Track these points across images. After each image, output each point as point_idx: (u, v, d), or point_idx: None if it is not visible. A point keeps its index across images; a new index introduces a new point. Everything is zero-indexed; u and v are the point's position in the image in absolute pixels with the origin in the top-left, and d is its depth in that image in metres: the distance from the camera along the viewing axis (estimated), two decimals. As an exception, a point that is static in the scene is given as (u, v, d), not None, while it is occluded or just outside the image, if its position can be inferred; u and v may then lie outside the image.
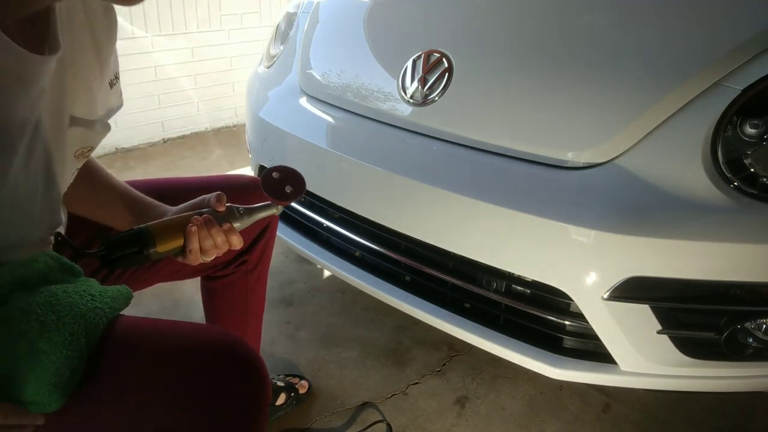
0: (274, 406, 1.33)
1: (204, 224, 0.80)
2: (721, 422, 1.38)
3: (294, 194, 0.86)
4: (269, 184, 0.85)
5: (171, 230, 0.79)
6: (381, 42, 1.50)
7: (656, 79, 1.08)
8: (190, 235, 0.79)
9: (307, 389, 1.41)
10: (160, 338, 0.71)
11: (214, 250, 0.82)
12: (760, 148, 1.00)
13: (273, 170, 0.86)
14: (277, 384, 1.36)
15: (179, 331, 0.72)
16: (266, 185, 0.85)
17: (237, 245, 0.84)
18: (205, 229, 0.80)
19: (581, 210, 1.03)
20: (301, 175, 0.88)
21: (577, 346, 1.14)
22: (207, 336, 0.71)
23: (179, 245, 0.80)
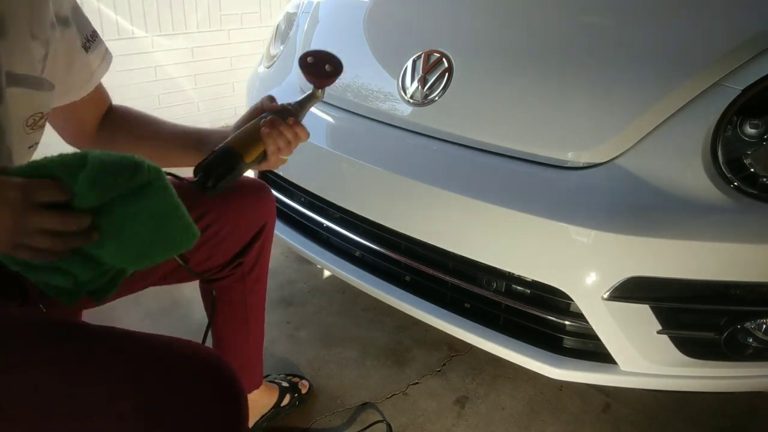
0: (280, 407, 1.33)
1: (273, 125, 0.83)
2: (721, 422, 1.38)
3: (334, 72, 0.89)
4: (309, 69, 0.88)
5: (249, 140, 0.84)
6: (381, 42, 1.50)
7: (656, 79, 1.08)
8: (266, 138, 0.83)
9: (308, 389, 1.41)
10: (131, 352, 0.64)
11: (288, 147, 0.86)
12: (760, 148, 1.00)
13: (307, 55, 0.89)
14: (282, 385, 1.36)
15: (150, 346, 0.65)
16: (306, 70, 0.88)
17: (304, 137, 0.87)
18: (276, 128, 0.83)
19: (581, 210, 1.03)
20: (335, 55, 0.90)
21: (577, 346, 1.14)
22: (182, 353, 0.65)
23: (261, 150, 0.84)
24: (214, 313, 1.17)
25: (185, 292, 1.77)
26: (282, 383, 1.37)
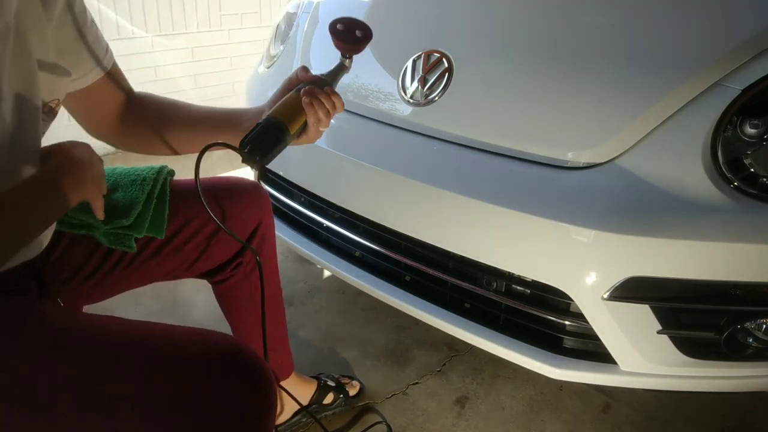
0: (322, 405, 1.33)
1: (312, 94, 0.84)
2: (721, 422, 1.38)
3: (364, 37, 0.89)
4: (338, 35, 0.88)
5: (291, 111, 0.84)
6: (381, 42, 1.49)
7: (656, 79, 1.08)
8: (308, 108, 0.83)
9: (358, 390, 1.40)
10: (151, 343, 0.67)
11: (327, 118, 0.86)
12: (760, 148, 1.00)
13: (336, 22, 0.89)
14: (326, 383, 1.36)
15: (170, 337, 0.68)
16: (336, 36, 0.88)
17: (341, 106, 0.87)
18: (316, 98, 0.84)
19: (581, 210, 1.03)
20: (363, 22, 0.90)
21: (577, 346, 1.14)
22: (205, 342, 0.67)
23: (303, 121, 0.84)
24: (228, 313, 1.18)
25: (185, 292, 1.77)
26: (327, 381, 1.37)
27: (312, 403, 1.32)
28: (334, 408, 1.35)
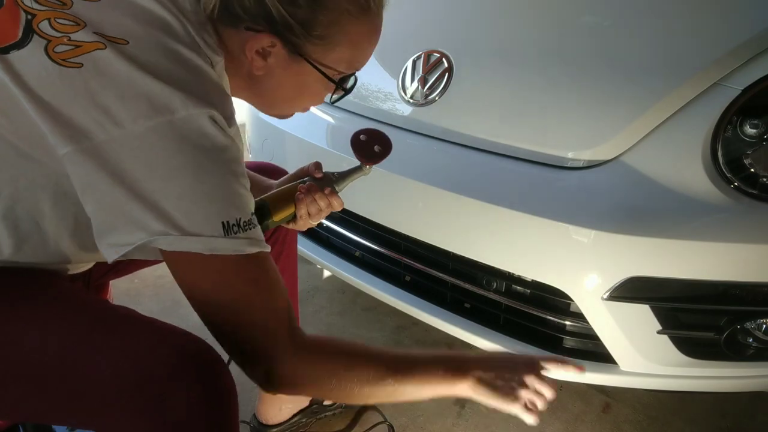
0: (322, 405, 1.33)
1: (309, 191, 0.90)
2: (721, 422, 1.38)
3: (382, 153, 0.94)
4: (359, 147, 0.94)
5: (283, 200, 0.90)
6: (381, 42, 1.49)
7: (656, 79, 1.08)
8: (300, 203, 0.89)
9: None
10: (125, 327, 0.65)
11: (319, 215, 0.91)
12: (760, 148, 1.00)
13: (360, 133, 0.95)
14: None
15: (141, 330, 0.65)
16: (356, 147, 0.93)
17: (338, 207, 0.92)
18: (311, 195, 0.90)
19: (581, 210, 1.03)
20: (386, 135, 0.95)
21: (577, 346, 1.14)
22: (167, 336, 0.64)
23: (291, 213, 0.90)
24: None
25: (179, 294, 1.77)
26: None
27: (312, 403, 1.32)
28: (333, 409, 1.35)
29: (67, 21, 0.61)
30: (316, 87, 0.77)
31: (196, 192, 0.60)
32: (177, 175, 0.59)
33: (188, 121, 0.60)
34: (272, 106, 0.82)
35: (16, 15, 0.61)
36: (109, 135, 0.58)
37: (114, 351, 0.61)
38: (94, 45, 0.60)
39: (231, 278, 0.64)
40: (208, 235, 0.60)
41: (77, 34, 0.60)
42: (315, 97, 0.81)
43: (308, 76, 0.74)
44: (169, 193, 0.59)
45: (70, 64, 0.59)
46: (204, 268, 0.63)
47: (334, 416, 1.35)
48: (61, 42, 0.60)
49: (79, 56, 0.59)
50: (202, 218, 0.61)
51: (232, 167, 0.63)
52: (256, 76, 0.74)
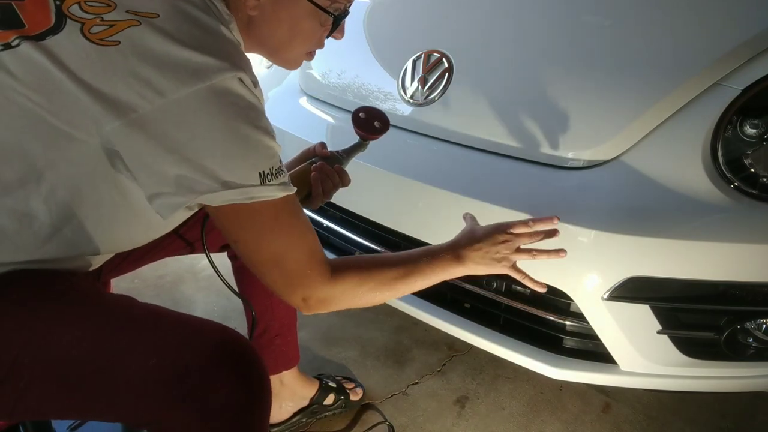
0: (322, 405, 1.33)
1: (322, 170, 0.94)
2: (721, 422, 1.38)
3: (382, 129, 1.00)
4: (360, 123, 0.99)
5: (298, 180, 0.93)
6: (381, 42, 1.50)
7: (656, 79, 1.08)
8: (314, 181, 0.93)
9: (360, 397, 1.40)
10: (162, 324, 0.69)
11: (331, 192, 0.95)
12: (760, 148, 1.00)
13: (359, 111, 1.00)
14: (327, 384, 1.36)
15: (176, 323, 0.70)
16: (357, 124, 0.99)
17: (347, 183, 0.97)
18: (323, 173, 0.94)
19: (581, 210, 1.03)
20: (383, 113, 1.01)
21: (577, 346, 1.14)
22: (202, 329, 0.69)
23: (306, 192, 0.94)
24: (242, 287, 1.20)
25: (186, 292, 1.77)
26: (329, 382, 1.36)
27: (312, 403, 1.32)
28: (333, 409, 1.35)
29: (98, 3, 0.65)
30: (310, 22, 0.80)
31: (235, 148, 0.66)
32: (217, 136, 0.65)
33: (223, 85, 0.65)
34: (274, 51, 0.84)
35: (45, 2, 0.65)
36: (153, 105, 0.62)
37: (149, 345, 0.65)
38: (128, 22, 0.64)
39: (269, 220, 0.71)
40: (248, 185, 0.67)
41: (110, 14, 0.64)
42: (311, 36, 0.82)
43: (299, 8, 0.77)
44: (212, 152, 0.65)
45: (108, 42, 0.63)
46: (246, 214, 0.69)
47: (334, 416, 1.35)
48: (94, 23, 0.63)
49: (114, 34, 0.63)
50: (242, 171, 0.66)
51: (262, 123, 0.69)
52: (253, 22, 0.78)
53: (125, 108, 0.62)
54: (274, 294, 0.89)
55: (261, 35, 0.80)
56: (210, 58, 0.64)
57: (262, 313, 1.18)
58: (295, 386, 1.29)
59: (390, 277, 0.82)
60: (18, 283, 0.68)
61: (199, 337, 0.67)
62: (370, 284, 0.81)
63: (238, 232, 0.71)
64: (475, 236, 0.89)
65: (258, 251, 0.73)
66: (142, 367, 0.64)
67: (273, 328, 1.20)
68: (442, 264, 0.86)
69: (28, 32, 0.63)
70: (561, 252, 0.90)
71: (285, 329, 1.22)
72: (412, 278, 0.84)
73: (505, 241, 0.88)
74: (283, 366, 1.24)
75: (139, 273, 1.12)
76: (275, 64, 0.90)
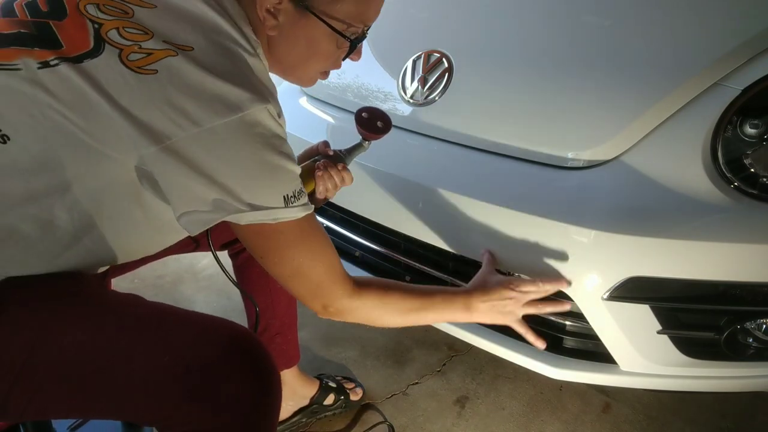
0: (322, 405, 1.33)
1: (326, 168, 0.96)
2: (721, 422, 1.38)
3: (384, 128, 1.01)
4: (363, 123, 1.00)
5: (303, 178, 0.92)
6: (381, 42, 1.50)
7: (656, 79, 1.08)
8: (319, 179, 0.96)
9: (360, 397, 1.40)
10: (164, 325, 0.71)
11: (334, 189, 0.98)
12: (760, 148, 1.00)
13: (362, 111, 1.01)
14: (327, 384, 1.36)
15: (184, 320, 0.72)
16: (360, 124, 1.00)
17: (350, 182, 1.00)
18: (327, 171, 0.96)
19: (581, 210, 1.03)
20: (385, 113, 1.02)
21: (577, 346, 1.14)
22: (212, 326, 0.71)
23: (311, 189, 0.96)
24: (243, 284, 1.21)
25: (186, 292, 1.77)
26: (329, 382, 1.37)
27: (312, 402, 1.32)
28: (333, 409, 1.35)
29: (135, 30, 0.66)
30: (327, 44, 0.81)
31: (261, 174, 0.70)
32: (246, 164, 0.69)
33: (253, 117, 0.68)
34: (290, 69, 0.86)
35: (84, 25, 0.66)
36: (187, 133, 0.65)
37: (160, 343, 0.67)
38: (165, 52, 0.66)
39: (292, 238, 0.75)
40: (273, 207, 0.71)
41: (147, 42, 0.66)
42: (328, 56, 0.84)
43: (317, 30, 0.78)
44: (241, 178, 0.69)
45: (146, 71, 0.65)
46: (270, 233, 0.74)
47: (334, 416, 1.35)
48: (132, 50, 0.65)
49: (152, 63, 0.65)
50: (268, 195, 0.71)
51: (285, 150, 0.73)
52: (273, 41, 0.79)
53: (160, 135, 0.65)
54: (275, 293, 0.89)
55: (278, 54, 0.82)
56: (242, 91, 0.67)
57: (263, 312, 1.19)
58: (296, 386, 1.29)
59: (406, 307, 0.89)
60: (27, 285, 0.69)
61: (209, 333, 0.69)
62: (387, 308, 0.87)
63: (263, 249, 0.76)
64: (486, 288, 0.96)
65: (281, 265, 0.77)
66: (154, 365, 0.65)
67: (273, 327, 1.20)
68: (453, 309, 0.94)
69: (66, 53, 0.65)
70: (565, 304, 0.99)
71: (285, 328, 1.22)
72: (424, 313, 0.91)
73: (513, 297, 0.96)
74: (283, 365, 1.25)
75: (138, 273, 1.13)
76: (288, 81, 0.92)
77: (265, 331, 1.20)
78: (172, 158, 0.66)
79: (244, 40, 0.73)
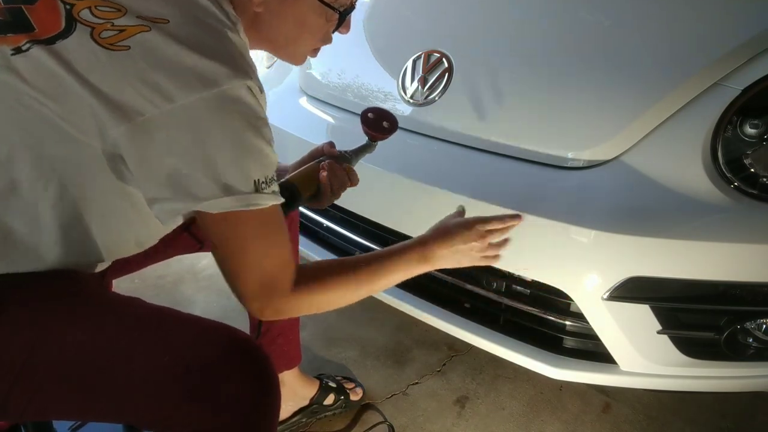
0: (322, 405, 1.34)
1: (331, 168, 0.94)
2: (721, 422, 1.38)
3: (390, 129, 1.00)
4: (369, 123, 0.99)
5: (308, 179, 0.94)
6: (381, 42, 1.50)
7: (656, 79, 1.08)
8: (324, 180, 0.93)
9: (360, 397, 1.40)
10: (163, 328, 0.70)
11: (339, 190, 0.96)
12: (760, 148, 1.00)
13: (368, 111, 1.00)
14: (327, 384, 1.36)
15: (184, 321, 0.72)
16: (367, 124, 0.99)
17: (355, 182, 0.97)
18: (333, 172, 0.94)
19: (581, 210, 1.03)
20: (391, 113, 1.02)
21: (577, 346, 1.14)
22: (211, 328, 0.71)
23: (314, 190, 0.95)
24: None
25: (186, 292, 1.77)
26: (329, 382, 1.37)
27: (312, 403, 1.32)
28: (333, 409, 1.35)
29: (108, 8, 0.65)
30: (316, 18, 0.80)
31: (237, 156, 0.66)
32: (221, 143, 0.65)
33: (231, 93, 0.65)
34: (280, 46, 0.84)
35: (55, 6, 0.65)
36: (161, 110, 0.62)
37: (160, 344, 0.67)
38: (138, 28, 0.64)
39: (254, 228, 0.71)
40: (245, 192, 0.67)
41: (120, 19, 0.64)
42: (317, 31, 0.83)
43: (304, 4, 0.77)
44: (214, 157, 0.65)
45: (118, 47, 0.63)
46: (234, 221, 0.69)
47: (334, 416, 1.35)
48: (105, 28, 0.64)
49: (125, 39, 0.63)
50: (241, 179, 0.67)
51: (263, 131, 0.69)
52: (259, 19, 0.77)
53: (132, 112, 0.62)
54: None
55: (267, 31, 0.80)
56: (219, 65, 0.64)
57: None
58: (296, 386, 1.29)
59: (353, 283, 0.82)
60: (27, 285, 0.68)
61: (209, 334, 0.69)
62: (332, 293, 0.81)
63: (222, 237, 0.71)
64: (446, 232, 0.88)
65: (235, 256, 0.72)
66: (153, 365, 0.65)
67: (275, 328, 1.20)
68: (408, 264, 0.86)
69: (38, 36, 0.64)
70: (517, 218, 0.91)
71: (287, 329, 1.22)
72: (377, 280, 0.84)
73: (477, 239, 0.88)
74: (284, 366, 1.25)
75: (139, 273, 1.12)
76: (280, 59, 0.91)
77: (268, 332, 1.20)
78: (142, 136, 0.63)
79: (224, 15, 0.71)
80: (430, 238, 0.88)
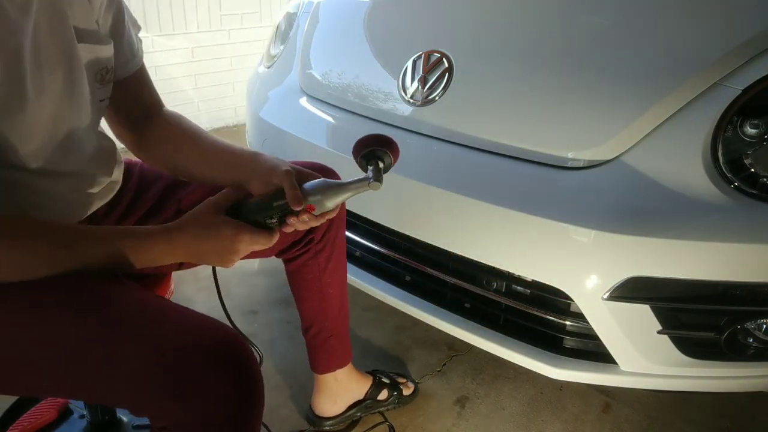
0: (375, 400, 1.34)
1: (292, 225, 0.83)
2: (721, 422, 1.38)
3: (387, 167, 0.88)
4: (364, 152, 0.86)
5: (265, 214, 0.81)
6: (381, 42, 1.50)
7: (656, 79, 1.08)
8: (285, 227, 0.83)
9: (413, 391, 1.40)
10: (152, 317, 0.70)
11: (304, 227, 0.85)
12: (760, 148, 1.00)
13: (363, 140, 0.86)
14: (380, 379, 1.37)
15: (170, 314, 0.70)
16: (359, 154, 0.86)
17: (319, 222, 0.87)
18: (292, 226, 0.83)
19: (581, 210, 1.03)
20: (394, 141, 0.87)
21: (577, 346, 1.14)
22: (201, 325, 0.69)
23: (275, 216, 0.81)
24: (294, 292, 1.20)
25: (186, 293, 1.77)
26: (382, 378, 1.37)
27: (367, 398, 1.33)
28: (387, 405, 1.36)
29: None
30: None
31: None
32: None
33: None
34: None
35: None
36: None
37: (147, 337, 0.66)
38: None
39: None
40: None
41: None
42: None
43: None
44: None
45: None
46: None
47: (387, 411, 1.36)
48: None
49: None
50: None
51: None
52: None
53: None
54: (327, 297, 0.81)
55: None
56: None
57: (316, 315, 1.20)
58: (349, 382, 1.30)
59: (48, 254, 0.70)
60: None
61: (196, 332, 0.68)
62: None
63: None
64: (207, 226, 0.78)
65: None
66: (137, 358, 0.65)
67: (327, 329, 1.21)
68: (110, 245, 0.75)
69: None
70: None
71: (338, 330, 1.23)
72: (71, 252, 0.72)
73: (243, 240, 0.79)
74: (337, 364, 1.26)
75: (139, 273, 1.12)
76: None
77: (319, 333, 1.21)
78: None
79: None
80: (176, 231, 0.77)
